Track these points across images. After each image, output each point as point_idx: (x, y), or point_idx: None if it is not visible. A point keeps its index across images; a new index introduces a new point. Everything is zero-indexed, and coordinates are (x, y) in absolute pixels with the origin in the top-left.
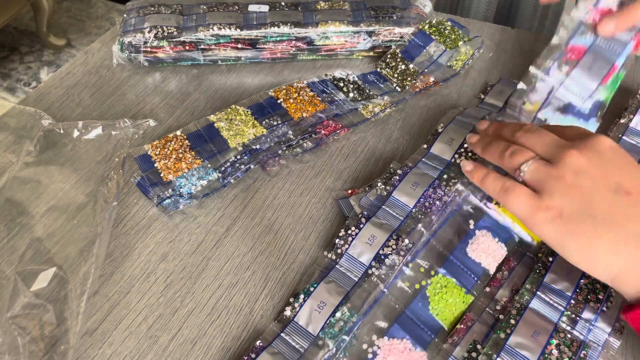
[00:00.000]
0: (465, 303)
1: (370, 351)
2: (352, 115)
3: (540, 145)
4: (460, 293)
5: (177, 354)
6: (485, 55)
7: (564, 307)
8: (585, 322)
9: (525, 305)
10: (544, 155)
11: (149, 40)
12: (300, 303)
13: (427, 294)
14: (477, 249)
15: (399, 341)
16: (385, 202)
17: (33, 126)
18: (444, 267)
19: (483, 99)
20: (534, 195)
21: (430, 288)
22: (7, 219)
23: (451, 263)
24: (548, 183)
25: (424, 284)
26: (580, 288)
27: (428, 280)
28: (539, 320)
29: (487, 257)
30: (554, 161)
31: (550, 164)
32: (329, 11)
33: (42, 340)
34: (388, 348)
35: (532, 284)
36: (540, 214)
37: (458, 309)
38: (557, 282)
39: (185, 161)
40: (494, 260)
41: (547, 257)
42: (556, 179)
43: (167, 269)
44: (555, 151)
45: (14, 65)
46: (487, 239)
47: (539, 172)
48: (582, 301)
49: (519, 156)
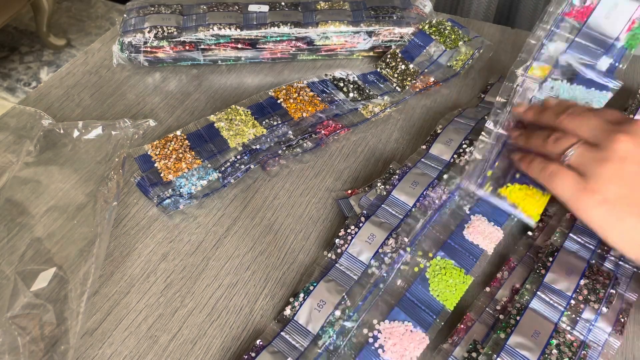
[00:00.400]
0: (466, 283)
1: (371, 335)
2: (352, 115)
3: (585, 128)
4: (460, 273)
5: (177, 354)
6: (485, 55)
7: (564, 307)
8: (586, 322)
9: (526, 305)
10: (589, 139)
11: (149, 40)
12: (300, 302)
13: (426, 276)
14: (473, 231)
15: (399, 324)
16: (384, 201)
17: (33, 126)
18: (442, 250)
19: (483, 98)
20: (579, 178)
21: (430, 270)
22: (7, 219)
23: (449, 246)
24: (594, 167)
25: (422, 266)
26: (580, 288)
27: (427, 262)
28: (539, 320)
29: (484, 239)
30: (601, 145)
31: (595, 147)
32: (329, 11)
33: (42, 340)
34: (389, 331)
35: (532, 284)
36: (585, 197)
37: (459, 289)
38: (557, 282)
39: (185, 161)
40: (490, 241)
41: (547, 257)
42: (603, 163)
43: (167, 269)
44: (603, 135)
45: (14, 65)
46: (483, 222)
47: (585, 156)
48: (582, 301)
49: (563, 142)
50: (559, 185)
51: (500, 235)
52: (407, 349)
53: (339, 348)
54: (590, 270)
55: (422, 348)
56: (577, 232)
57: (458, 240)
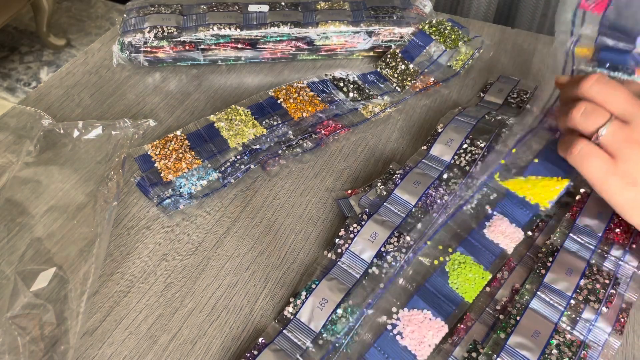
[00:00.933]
0: (485, 279)
1: (390, 323)
2: (352, 115)
3: (614, 101)
4: (479, 269)
5: (177, 354)
6: (485, 55)
7: (564, 307)
8: (586, 322)
9: (526, 305)
10: (620, 115)
11: (149, 40)
12: (302, 300)
13: (446, 269)
14: (494, 230)
15: (419, 312)
16: (387, 200)
17: (33, 126)
18: (462, 246)
19: (483, 97)
20: (609, 159)
21: (449, 264)
22: (7, 219)
23: (469, 242)
24: (624, 148)
25: (442, 260)
26: (580, 288)
27: (446, 257)
28: (539, 320)
29: (505, 239)
30: (633, 124)
31: (627, 126)
32: (329, 11)
33: (42, 340)
34: (408, 319)
35: (532, 284)
36: (613, 179)
37: (478, 284)
38: (557, 282)
39: (185, 161)
40: (511, 241)
41: (547, 257)
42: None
43: (167, 268)
44: (634, 112)
45: (14, 65)
46: (504, 222)
47: (616, 135)
48: (582, 301)
49: (594, 117)
50: (587, 166)
51: (521, 236)
52: (425, 336)
53: (341, 347)
54: (590, 270)
55: (441, 336)
56: (577, 232)
57: (478, 238)
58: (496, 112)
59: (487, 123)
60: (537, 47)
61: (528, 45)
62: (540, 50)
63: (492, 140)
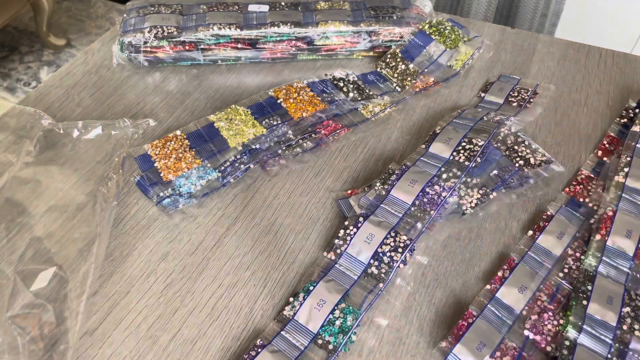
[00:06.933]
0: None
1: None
2: (352, 115)
3: None
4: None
5: (177, 354)
6: (485, 55)
7: (612, 340)
8: (634, 354)
9: (574, 343)
10: None
11: (149, 40)
12: (300, 301)
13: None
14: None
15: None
16: (383, 201)
17: (33, 126)
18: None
19: (483, 97)
20: None
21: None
22: (7, 219)
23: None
24: None
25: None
26: (623, 317)
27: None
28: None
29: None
30: None
31: None
32: (329, 11)
33: (41, 340)
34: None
35: (577, 316)
36: None
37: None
38: (601, 313)
39: (185, 161)
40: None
41: (584, 284)
42: None
43: (167, 268)
44: None
45: (13, 65)
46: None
47: None
48: (627, 331)
49: None
50: None
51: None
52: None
53: (339, 346)
54: (629, 297)
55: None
56: (610, 254)
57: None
58: (495, 113)
59: (486, 124)
60: (537, 47)
61: (528, 45)
62: (540, 50)
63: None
